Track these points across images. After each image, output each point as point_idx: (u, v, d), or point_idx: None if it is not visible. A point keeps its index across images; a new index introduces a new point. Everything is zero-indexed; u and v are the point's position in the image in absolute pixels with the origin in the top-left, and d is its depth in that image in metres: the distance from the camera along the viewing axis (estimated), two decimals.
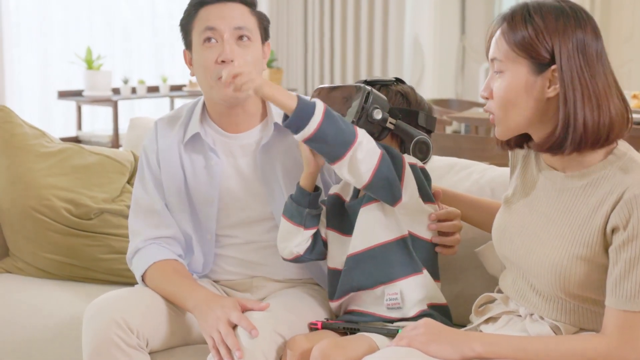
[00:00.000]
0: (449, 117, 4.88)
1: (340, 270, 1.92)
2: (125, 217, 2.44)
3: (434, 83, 7.86)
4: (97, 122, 6.73)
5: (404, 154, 1.89)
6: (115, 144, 5.96)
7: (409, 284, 1.85)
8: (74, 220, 2.49)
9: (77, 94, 6.29)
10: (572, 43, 1.60)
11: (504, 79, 1.66)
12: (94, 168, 2.61)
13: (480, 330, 1.79)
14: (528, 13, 1.63)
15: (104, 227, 2.51)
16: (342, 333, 1.90)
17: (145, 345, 1.91)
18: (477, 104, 5.75)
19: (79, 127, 6.38)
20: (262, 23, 2.08)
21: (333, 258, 1.96)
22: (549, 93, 1.62)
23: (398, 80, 2.01)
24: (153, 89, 6.74)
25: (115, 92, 6.36)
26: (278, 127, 2.05)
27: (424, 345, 1.64)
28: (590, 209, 1.62)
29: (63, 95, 6.30)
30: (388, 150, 1.82)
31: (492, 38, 1.68)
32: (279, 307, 1.95)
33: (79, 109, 6.36)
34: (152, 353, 1.93)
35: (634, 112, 1.71)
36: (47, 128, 3.22)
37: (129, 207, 2.23)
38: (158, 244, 2.11)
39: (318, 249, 1.98)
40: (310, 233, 1.94)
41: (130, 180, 2.65)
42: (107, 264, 2.49)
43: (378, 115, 1.85)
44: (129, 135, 2.83)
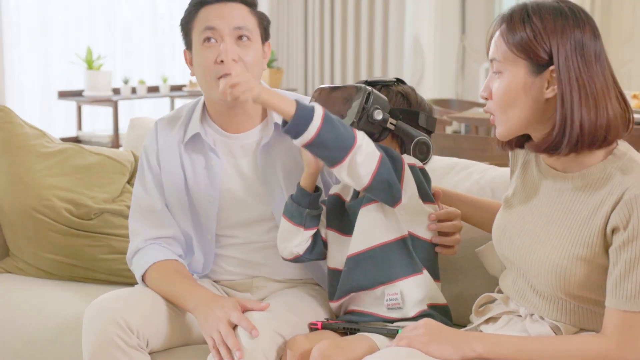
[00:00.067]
0: (449, 117, 4.88)
1: (340, 270, 1.92)
2: (126, 217, 2.44)
3: (434, 83, 7.86)
4: (97, 122, 6.73)
5: (404, 155, 1.89)
6: (116, 144, 5.95)
7: (409, 284, 1.85)
8: (75, 221, 2.49)
9: (77, 94, 6.29)
10: (570, 43, 1.59)
11: (503, 80, 1.66)
12: (95, 168, 2.61)
13: (481, 331, 1.79)
14: (527, 14, 1.62)
15: (105, 227, 2.51)
16: (342, 333, 1.90)
17: (146, 346, 1.91)
18: (477, 104, 5.75)
19: (79, 127, 6.38)
20: (262, 23, 2.08)
21: (333, 258, 1.96)
22: (548, 94, 1.62)
23: (399, 81, 2.01)
24: (153, 89, 6.74)
25: (116, 92, 6.36)
26: (278, 127, 2.04)
27: (424, 346, 1.64)
28: (591, 210, 1.62)
29: (63, 96, 6.29)
30: (387, 152, 1.81)
31: (492, 39, 1.68)
32: (279, 307, 1.95)
33: (79, 109, 6.36)
34: (152, 353, 1.93)
35: (634, 112, 1.70)
36: (47, 128, 3.22)
37: (129, 207, 2.22)
38: (158, 244, 2.11)
39: (318, 249, 1.98)
40: (310, 233, 1.95)
41: (131, 181, 2.65)
42: (107, 264, 2.49)
43: (379, 116, 1.85)
44: (129, 136, 2.83)
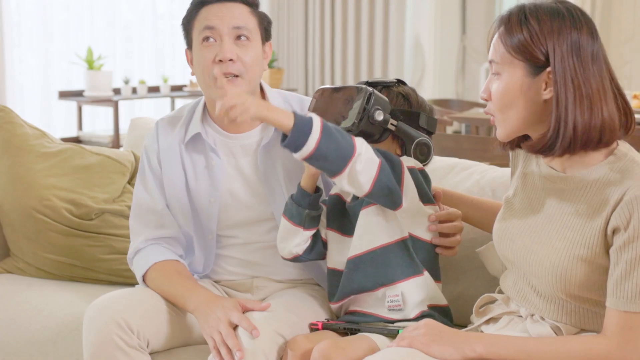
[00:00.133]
0: (450, 117, 4.88)
1: (339, 271, 1.92)
2: (126, 217, 2.44)
3: (435, 83, 7.86)
4: (97, 122, 6.73)
5: (403, 157, 1.89)
6: (116, 144, 5.95)
7: (410, 286, 1.85)
8: (75, 221, 2.49)
9: (77, 94, 6.29)
10: (566, 44, 1.59)
11: (501, 81, 1.66)
12: (95, 168, 2.61)
13: (481, 331, 1.79)
14: (524, 16, 1.62)
15: (105, 227, 2.51)
16: (342, 333, 1.90)
17: (146, 346, 1.91)
18: (477, 104, 5.75)
19: (80, 127, 6.37)
20: (262, 23, 2.08)
21: (332, 258, 1.96)
22: (546, 95, 1.62)
23: (399, 82, 2.00)
24: (154, 89, 6.74)
25: (116, 92, 6.36)
26: None
27: (425, 346, 1.64)
28: (591, 210, 1.61)
29: (64, 96, 6.29)
30: (386, 156, 1.81)
31: (491, 41, 1.68)
32: (280, 307, 1.95)
33: (80, 109, 6.36)
34: (152, 353, 1.93)
35: (635, 112, 1.70)
36: (47, 128, 3.23)
37: (130, 207, 2.23)
38: (159, 244, 2.11)
39: (317, 250, 1.98)
40: (310, 234, 1.94)
41: (131, 181, 2.65)
42: (107, 265, 2.49)
43: (379, 117, 1.85)
44: (130, 136, 2.83)
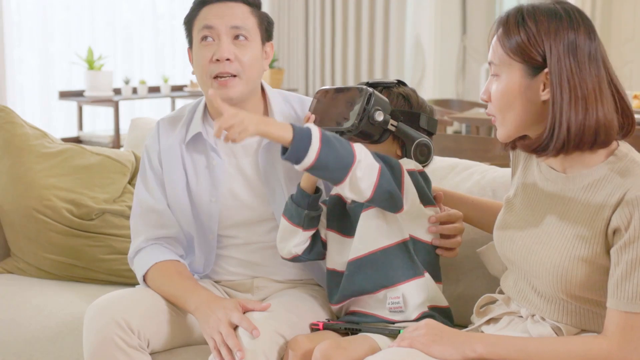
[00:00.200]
0: (450, 117, 4.89)
1: (339, 272, 1.92)
2: (127, 217, 2.44)
3: (435, 83, 7.86)
4: (98, 122, 6.73)
5: (403, 159, 1.88)
6: (117, 144, 5.95)
7: (411, 288, 1.85)
8: (75, 221, 2.49)
9: (78, 94, 6.29)
10: (563, 45, 1.59)
11: (500, 82, 1.66)
12: (95, 168, 2.61)
13: (482, 331, 1.79)
14: (522, 17, 1.62)
15: (105, 227, 2.51)
16: (343, 333, 1.90)
17: (147, 346, 1.91)
18: (478, 105, 5.75)
19: (80, 127, 6.38)
20: (263, 23, 2.08)
21: (332, 259, 1.96)
22: (544, 96, 1.62)
23: (400, 82, 2.01)
24: (154, 90, 6.74)
25: (117, 92, 6.36)
26: None
27: (426, 346, 1.64)
28: (592, 211, 1.61)
29: (64, 96, 6.29)
30: (385, 161, 1.80)
31: (491, 42, 1.69)
32: (280, 307, 1.95)
33: (80, 110, 6.36)
34: (153, 354, 1.93)
35: (635, 112, 1.70)
36: (48, 128, 3.23)
37: (130, 207, 2.22)
38: (160, 244, 2.11)
39: (317, 250, 1.98)
40: (309, 234, 1.94)
41: (132, 181, 2.65)
42: (108, 265, 2.48)
43: (380, 117, 1.85)
44: (130, 136, 2.83)
